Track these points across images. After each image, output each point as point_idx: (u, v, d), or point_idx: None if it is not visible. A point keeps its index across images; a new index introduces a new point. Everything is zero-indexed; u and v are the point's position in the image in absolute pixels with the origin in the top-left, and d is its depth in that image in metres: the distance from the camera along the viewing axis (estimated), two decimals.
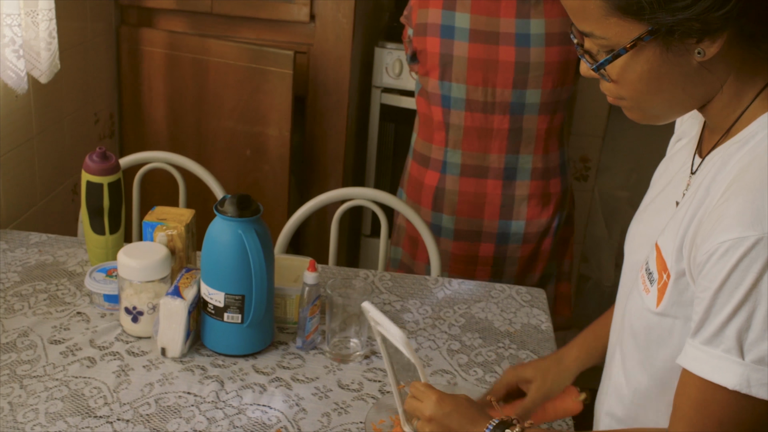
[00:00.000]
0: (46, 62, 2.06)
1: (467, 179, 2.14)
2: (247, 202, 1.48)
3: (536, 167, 2.14)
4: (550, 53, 2.03)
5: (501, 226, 2.17)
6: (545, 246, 2.23)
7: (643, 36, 0.96)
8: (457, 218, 2.16)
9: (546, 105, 2.09)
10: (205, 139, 2.69)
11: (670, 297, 1.04)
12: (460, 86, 2.06)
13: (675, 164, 1.19)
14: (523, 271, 2.25)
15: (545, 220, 2.19)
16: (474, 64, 2.04)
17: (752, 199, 0.91)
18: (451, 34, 2.03)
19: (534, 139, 2.12)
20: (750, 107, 1.01)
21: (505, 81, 2.05)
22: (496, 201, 2.14)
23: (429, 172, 2.17)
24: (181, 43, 2.63)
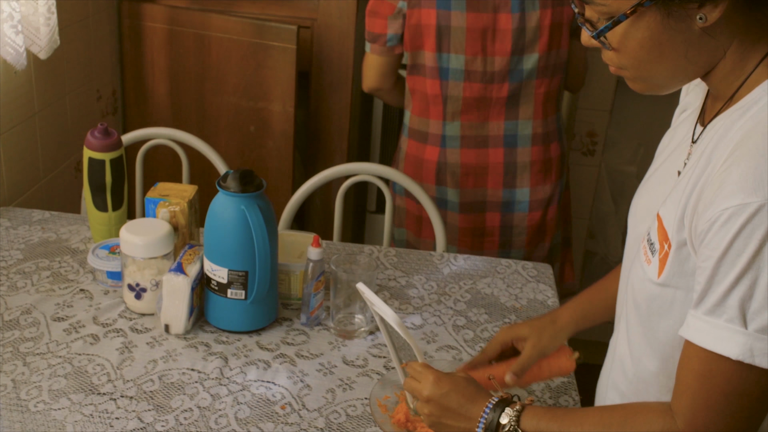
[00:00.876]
0: (45, 38, 2.04)
1: (468, 150, 2.12)
2: (250, 177, 1.47)
3: (536, 132, 2.13)
4: (545, 16, 2.02)
5: (505, 194, 2.15)
6: (551, 214, 2.22)
7: (643, 1, 0.94)
8: (462, 191, 2.14)
9: (543, 69, 2.08)
10: (209, 115, 2.67)
11: (671, 267, 1.02)
12: (459, 57, 2.04)
13: (679, 134, 1.17)
14: (533, 241, 2.23)
15: (549, 187, 2.18)
16: (472, 34, 2.02)
17: (755, 165, 0.90)
18: (447, 4, 2.00)
19: (533, 104, 2.11)
20: (753, 73, 0.99)
21: (503, 49, 2.04)
22: (498, 169, 2.13)
23: (428, 148, 2.15)
24: (183, 18, 2.60)
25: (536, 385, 1.47)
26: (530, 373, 1.35)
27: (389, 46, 2.12)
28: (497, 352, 1.37)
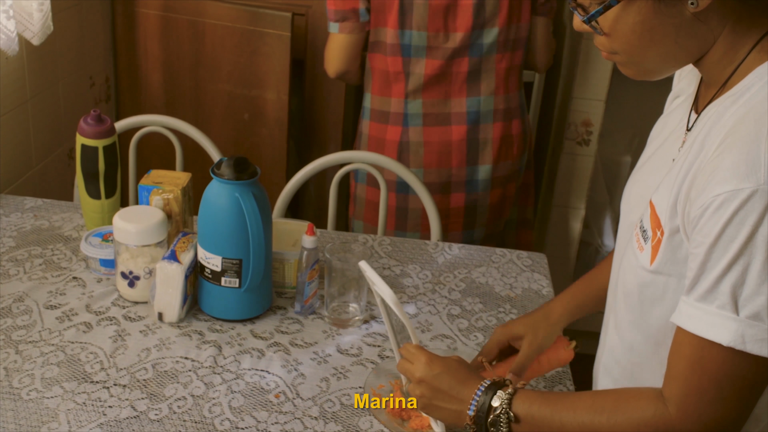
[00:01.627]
0: (38, 24, 2.02)
1: (431, 128, 2.12)
2: (244, 164, 1.46)
3: (498, 108, 2.13)
4: None
5: (469, 172, 2.15)
6: (510, 191, 2.24)
7: None
8: (425, 171, 2.13)
9: (504, 43, 2.09)
10: (202, 102, 2.66)
11: (664, 254, 1.02)
12: (421, 34, 2.04)
13: (672, 121, 1.17)
14: (493, 219, 2.25)
15: (510, 163, 2.19)
16: (435, 9, 2.02)
17: (747, 150, 0.90)
18: None
19: (494, 79, 2.11)
20: (746, 60, 0.99)
21: (464, 24, 2.04)
22: (462, 147, 2.13)
23: (390, 128, 2.14)
24: (177, 5, 2.58)
25: None
26: (530, 369, 1.35)
27: (362, 22, 2.09)
28: (495, 353, 1.36)
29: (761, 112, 0.93)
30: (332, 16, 2.09)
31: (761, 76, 0.97)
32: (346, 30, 2.09)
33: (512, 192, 2.24)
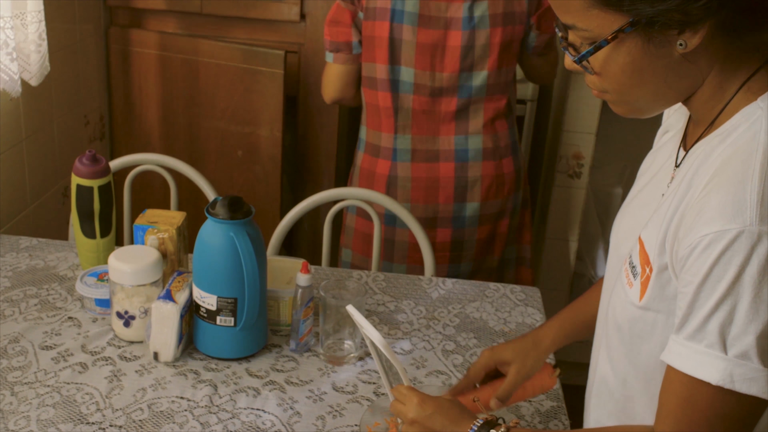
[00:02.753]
0: (36, 65, 2.05)
1: (419, 164, 2.15)
2: (239, 204, 1.47)
3: (487, 147, 2.16)
4: (495, 34, 2.06)
5: (456, 209, 2.18)
6: (502, 228, 2.25)
7: (624, 27, 0.95)
8: (412, 205, 2.16)
9: (493, 86, 2.12)
10: (197, 139, 2.68)
11: (653, 291, 1.03)
12: (409, 70, 2.08)
13: (661, 157, 1.18)
14: (481, 253, 2.26)
15: (500, 201, 2.20)
16: (422, 49, 2.06)
17: (734, 191, 0.91)
18: (400, 18, 2.04)
19: (482, 119, 2.14)
20: (733, 100, 1.01)
21: (452, 65, 2.07)
22: (449, 184, 2.15)
23: (380, 161, 2.18)
24: (171, 44, 2.61)
25: (526, 410, 1.47)
26: (514, 394, 1.36)
27: (355, 54, 2.13)
28: (481, 376, 1.37)
29: (748, 153, 0.94)
30: (327, 46, 2.14)
31: (748, 116, 0.98)
32: (340, 60, 2.13)
33: (504, 229, 2.26)
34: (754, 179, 0.91)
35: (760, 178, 0.91)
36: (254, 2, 2.62)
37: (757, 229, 0.89)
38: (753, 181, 0.91)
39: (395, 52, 2.07)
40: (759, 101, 0.98)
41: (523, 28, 2.09)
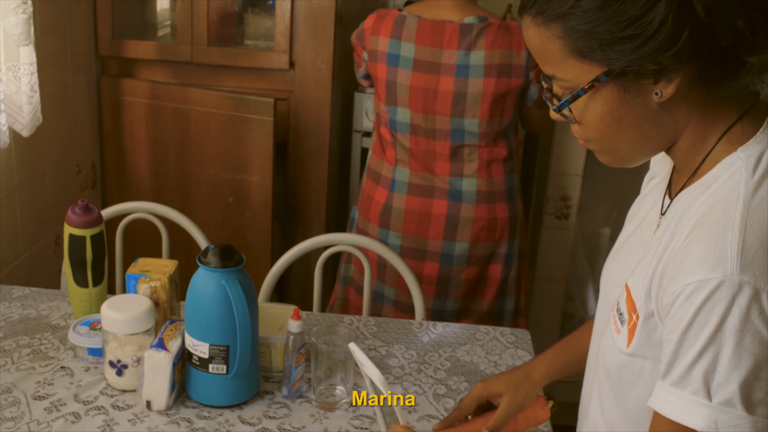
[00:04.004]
0: (28, 116, 2.08)
1: (413, 198, 2.21)
2: (230, 252, 1.49)
3: (480, 190, 2.20)
4: (488, 84, 2.11)
5: (445, 246, 2.22)
6: (493, 272, 2.27)
7: (600, 77, 0.98)
8: (403, 236, 2.22)
9: (486, 134, 2.17)
10: (188, 187, 2.70)
11: (640, 337, 1.05)
12: (405, 111, 2.16)
13: (647, 203, 1.21)
14: (469, 294, 2.29)
15: (490, 245, 2.24)
16: (415, 92, 2.13)
17: (714, 241, 0.93)
18: (396, 62, 2.13)
19: (476, 163, 2.19)
20: (714, 150, 1.03)
21: (443, 109, 2.14)
22: (440, 221, 2.20)
23: (379, 189, 2.26)
24: (162, 93, 2.65)
25: None
26: (506, 427, 1.36)
27: (360, 77, 2.33)
28: (472, 408, 1.38)
29: (728, 203, 0.96)
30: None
31: (728, 167, 1.00)
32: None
33: (496, 275, 2.28)
34: (734, 229, 0.93)
35: (740, 228, 0.93)
36: (244, 51, 2.67)
37: (738, 278, 0.91)
38: (733, 232, 0.93)
39: (392, 93, 2.16)
40: (739, 151, 1.00)
41: (521, 81, 2.13)
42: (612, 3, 0.94)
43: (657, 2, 0.93)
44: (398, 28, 2.14)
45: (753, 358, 0.91)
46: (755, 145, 1.00)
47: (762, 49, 0.95)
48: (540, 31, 1.01)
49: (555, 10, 0.98)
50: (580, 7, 0.95)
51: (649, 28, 0.93)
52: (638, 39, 0.94)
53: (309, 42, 2.61)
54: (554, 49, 1.00)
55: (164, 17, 3.00)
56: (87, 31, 2.62)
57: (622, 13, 0.94)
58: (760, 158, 0.99)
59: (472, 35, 2.09)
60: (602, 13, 0.94)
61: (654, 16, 0.93)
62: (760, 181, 0.97)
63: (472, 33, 2.09)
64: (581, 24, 0.96)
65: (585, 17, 0.95)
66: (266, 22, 2.76)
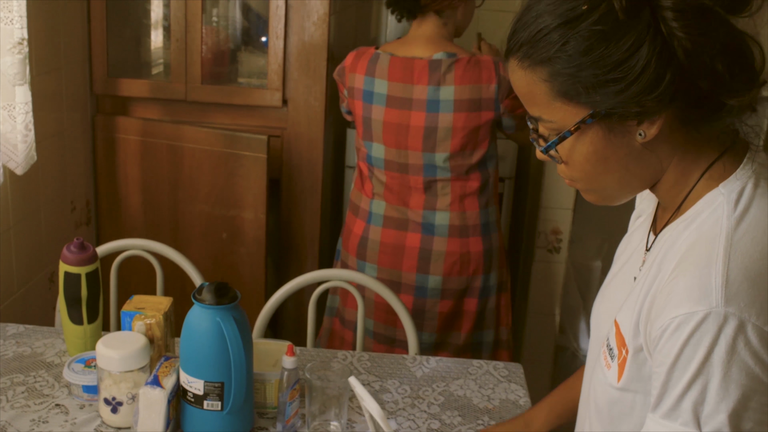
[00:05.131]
0: (22, 154, 2.10)
1: (388, 230, 2.26)
2: (225, 289, 1.51)
3: (453, 224, 2.24)
4: (458, 118, 2.16)
5: (418, 279, 2.26)
6: (469, 306, 2.30)
7: (585, 119, 1.01)
8: (379, 267, 2.27)
9: (457, 167, 2.21)
10: (182, 223, 2.72)
11: (630, 372, 1.07)
12: (380, 146, 2.22)
13: (634, 241, 1.24)
14: (445, 327, 2.32)
15: (464, 279, 2.26)
16: (388, 127, 2.19)
17: (699, 275, 0.96)
18: (370, 99, 2.19)
19: (449, 197, 2.24)
20: (696, 187, 1.06)
21: (415, 144, 2.19)
22: (413, 254, 2.24)
23: (357, 221, 2.32)
24: (156, 130, 2.68)
25: None
26: None
27: (344, 112, 2.38)
28: None
29: (711, 238, 0.99)
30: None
31: (710, 202, 1.04)
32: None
33: (472, 308, 2.31)
34: (718, 263, 0.96)
35: (724, 261, 0.96)
36: (237, 89, 2.70)
37: (723, 310, 0.93)
38: (717, 265, 0.96)
39: (368, 129, 2.23)
40: (720, 187, 1.04)
41: (492, 115, 2.18)
42: (596, 47, 0.97)
43: (640, 47, 0.96)
44: (372, 65, 2.21)
45: (741, 389, 0.92)
46: (736, 181, 1.03)
47: (740, 92, 0.98)
48: (526, 75, 1.04)
49: (541, 55, 1.01)
50: (565, 51, 0.98)
51: (632, 72, 0.96)
52: (622, 82, 0.97)
53: (301, 80, 2.64)
54: (540, 91, 1.03)
55: (158, 55, 3.03)
56: (82, 70, 2.65)
57: (607, 58, 0.97)
58: (741, 193, 1.02)
59: (440, 71, 2.15)
60: (587, 57, 0.97)
61: (637, 60, 0.96)
62: (742, 216, 1.00)
63: (441, 68, 2.15)
64: (566, 68, 0.99)
65: (570, 61, 0.98)
66: (259, 61, 2.80)
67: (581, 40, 0.97)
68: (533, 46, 1.01)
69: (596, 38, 0.97)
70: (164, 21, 2.90)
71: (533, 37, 1.01)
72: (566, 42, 0.98)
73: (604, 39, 0.97)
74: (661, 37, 0.96)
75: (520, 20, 1.04)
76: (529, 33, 1.01)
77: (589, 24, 0.97)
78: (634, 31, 0.96)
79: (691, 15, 0.96)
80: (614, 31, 0.96)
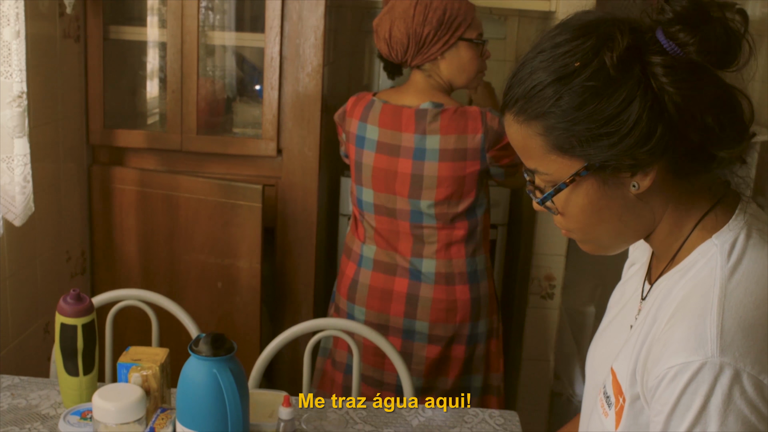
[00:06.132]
0: (20, 206, 2.11)
1: (378, 274, 2.29)
2: (221, 341, 1.51)
3: (439, 272, 2.27)
4: (443, 168, 2.19)
5: (406, 323, 2.29)
6: (457, 353, 2.31)
7: (580, 171, 1.04)
8: (367, 311, 2.30)
9: (443, 215, 2.24)
10: (177, 272, 2.73)
11: (627, 420, 1.08)
12: (369, 191, 2.27)
13: (629, 289, 1.26)
14: (432, 372, 2.33)
15: (451, 326, 2.28)
16: (378, 173, 2.24)
17: (695, 325, 0.98)
18: (362, 144, 2.24)
19: (435, 245, 2.26)
20: (690, 237, 1.08)
21: (402, 190, 2.23)
22: (401, 299, 2.27)
23: (349, 264, 2.36)
24: (152, 180, 2.70)
25: None
26: None
27: (343, 156, 2.42)
28: None
29: (706, 288, 1.01)
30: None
31: (704, 253, 1.06)
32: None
33: (460, 354, 2.32)
34: (713, 313, 0.98)
35: (719, 311, 0.98)
36: (232, 139, 2.73)
37: (719, 360, 0.95)
38: (712, 315, 0.98)
39: (359, 173, 2.28)
40: (714, 238, 1.06)
41: (478, 166, 2.20)
42: (589, 102, 1.00)
43: (632, 102, 0.99)
44: (366, 111, 2.27)
45: None
46: (728, 232, 1.06)
47: (730, 144, 1.01)
48: (522, 129, 1.07)
49: (535, 109, 1.04)
50: (559, 106, 1.01)
51: (625, 126, 0.99)
52: (615, 136, 1.00)
53: (296, 130, 2.68)
54: (536, 145, 1.06)
55: (153, 105, 3.07)
56: (79, 121, 2.68)
57: (599, 112, 1.00)
58: (733, 244, 1.04)
59: (426, 120, 2.19)
60: (580, 112, 1.01)
61: (629, 114, 0.99)
62: (735, 266, 1.02)
63: (427, 118, 2.19)
64: (561, 122, 1.02)
65: (564, 116, 1.01)
66: (254, 111, 2.83)
67: (575, 95, 1.00)
68: (528, 101, 1.04)
69: (589, 94, 1.00)
70: (160, 72, 2.94)
71: (528, 93, 1.04)
72: (560, 97, 1.01)
73: (596, 94, 1.00)
74: (651, 92, 0.99)
75: (516, 76, 1.07)
76: (524, 88, 1.04)
77: (581, 80, 1.00)
78: (625, 86, 0.99)
79: (680, 71, 0.99)
80: (606, 87, 0.99)
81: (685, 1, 1.01)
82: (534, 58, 1.05)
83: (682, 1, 1.01)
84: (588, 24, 1.04)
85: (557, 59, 1.02)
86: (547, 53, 1.04)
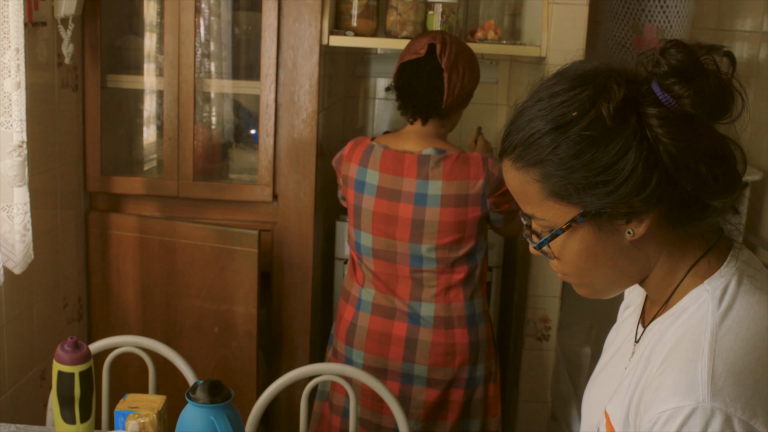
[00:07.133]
0: (20, 254, 2.13)
1: (376, 318, 2.30)
2: (219, 388, 1.53)
3: (438, 316, 2.28)
4: (445, 213, 2.21)
5: (404, 367, 2.29)
6: (455, 396, 2.31)
7: (576, 218, 1.06)
8: (366, 354, 2.30)
9: (443, 260, 2.26)
10: (174, 317, 2.74)
11: None
12: (368, 236, 2.28)
13: (623, 332, 1.28)
14: (431, 416, 2.34)
15: (450, 370, 2.28)
16: (378, 217, 2.26)
17: (686, 370, 1.00)
18: (362, 188, 2.26)
19: (434, 288, 2.28)
20: (682, 283, 1.11)
21: (403, 235, 2.25)
22: (400, 342, 2.28)
23: (348, 307, 2.36)
24: (148, 227, 2.72)
25: None
26: None
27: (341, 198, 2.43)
28: None
29: (697, 333, 1.04)
30: None
31: (696, 298, 1.08)
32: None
33: (458, 398, 2.32)
34: (704, 359, 1.00)
35: (710, 357, 1.00)
36: (228, 185, 2.76)
37: (710, 405, 0.96)
38: (703, 361, 1.00)
39: (358, 217, 2.29)
40: (705, 284, 1.09)
41: (479, 212, 2.23)
42: (586, 152, 1.03)
43: (627, 151, 1.02)
44: (366, 156, 2.29)
45: None
46: (720, 278, 1.08)
47: (723, 194, 1.04)
48: (519, 175, 1.09)
49: (533, 157, 1.06)
50: (556, 154, 1.04)
51: (620, 175, 1.02)
52: (611, 185, 1.03)
53: (291, 175, 2.71)
54: (533, 191, 1.09)
55: (150, 151, 3.10)
56: (76, 169, 2.70)
57: (596, 161, 1.03)
58: (725, 290, 1.07)
59: (429, 166, 2.22)
60: (577, 160, 1.03)
61: (625, 164, 1.02)
62: (726, 312, 1.05)
63: (429, 163, 2.22)
64: (558, 170, 1.05)
65: (561, 164, 1.04)
66: (250, 157, 2.86)
67: (572, 144, 1.03)
68: (526, 148, 1.07)
69: (586, 143, 1.03)
70: (157, 120, 2.98)
71: (526, 140, 1.07)
72: (557, 146, 1.04)
73: (593, 144, 1.03)
74: (647, 143, 1.02)
75: (514, 123, 1.10)
76: (522, 136, 1.07)
77: (579, 129, 1.03)
78: (621, 136, 1.02)
79: (675, 122, 1.02)
80: (603, 137, 1.02)
81: (680, 54, 1.04)
82: (532, 107, 1.08)
83: (677, 54, 1.04)
84: (585, 74, 1.07)
85: (555, 108, 1.05)
86: (545, 102, 1.06)
